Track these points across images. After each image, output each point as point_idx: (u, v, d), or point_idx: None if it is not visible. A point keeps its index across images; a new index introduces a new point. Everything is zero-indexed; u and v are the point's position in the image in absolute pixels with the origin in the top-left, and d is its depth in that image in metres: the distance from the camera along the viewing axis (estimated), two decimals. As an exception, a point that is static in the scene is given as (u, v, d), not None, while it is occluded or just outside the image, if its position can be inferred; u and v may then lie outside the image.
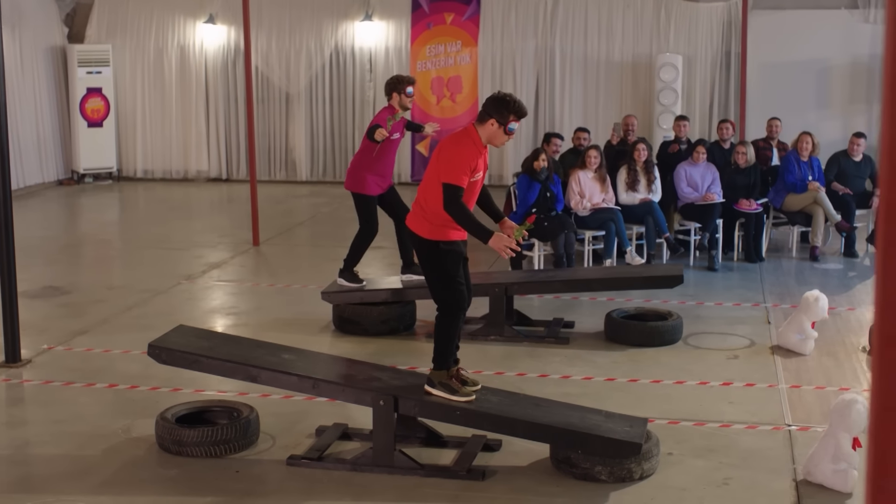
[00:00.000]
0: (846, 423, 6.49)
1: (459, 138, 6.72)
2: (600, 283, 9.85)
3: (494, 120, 6.66)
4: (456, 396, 6.70)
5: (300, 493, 6.52)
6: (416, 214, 6.86)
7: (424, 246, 6.81)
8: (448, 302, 6.80)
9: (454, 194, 6.56)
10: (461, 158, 6.57)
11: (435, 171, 6.72)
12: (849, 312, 10.38)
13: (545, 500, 6.38)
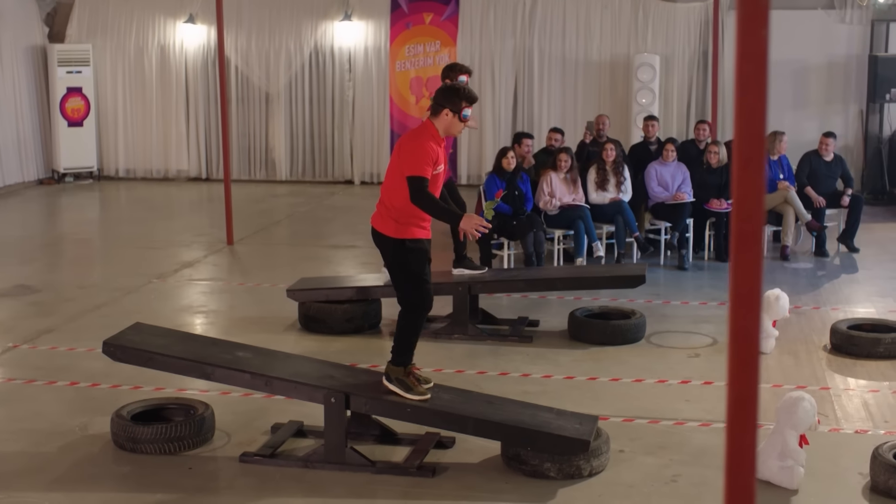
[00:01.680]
0: (792, 421, 6.54)
1: (418, 133, 6.80)
2: (563, 282, 9.90)
3: (448, 110, 6.75)
4: (410, 394, 6.74)
5: (251, 489, 6.57)
6: (380, 214, 6.88)
7: (390, 244, 6.83)
8: (413, 300, 6.83)
9: (420, 185, 6.60)
10: (423, 151, 6.63)
11: (397, 169, 6.75)
12: (813, 311, 10.44)
13: (493, 496, 6.43)
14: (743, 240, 2.18)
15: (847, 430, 7.45)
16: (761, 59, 2.17)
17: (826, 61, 16.85)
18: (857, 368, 8.75)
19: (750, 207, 2.20)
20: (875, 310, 10.49)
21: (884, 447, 6.57)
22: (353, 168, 18.34)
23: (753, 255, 2.22)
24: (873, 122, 16.75)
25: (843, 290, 11.31)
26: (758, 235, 2.22)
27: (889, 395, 8.14)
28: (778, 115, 16.55)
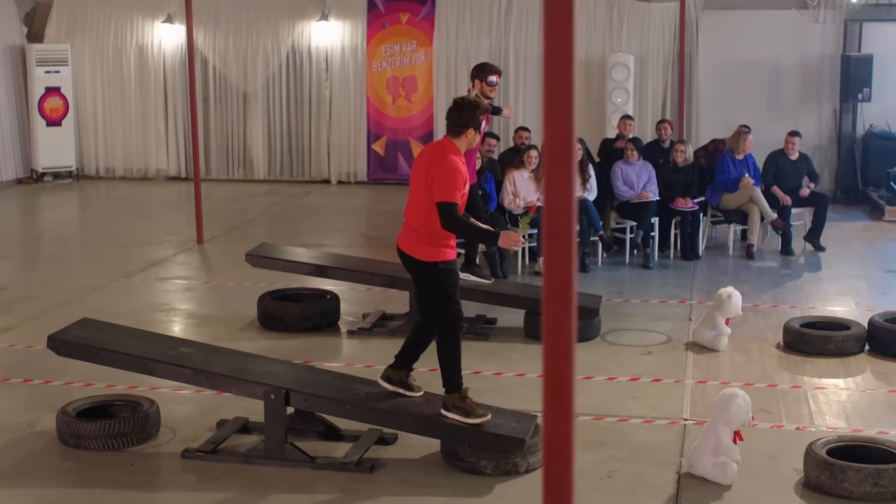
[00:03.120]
0: (726, 417, 6.61)
1: (442, 154, 6.64)
2: (517, 300, 9.78)
3: (471, 129, 6.68)
4: (470, 419, 6.64)
5: (191, 485, 6.65)
6: (408, 237, 6.75)
7: (422, 268, 6.71)
8: (447, 323, 6.72)
9: (451, 212, 6.50)
10: (453, 175, 6.52)
11: (423, 191, 6.61)
12: (771, 309, 10.49)
13: (428, 491, 6.50)
14: (554, 233, 2.24)
15: (789, 426, 7.52)
16: (567, 57, 2.23)
17: (799, 61, 16.91)
18: (806, 366, 8.81)
19: (560, 201, 2.25)
20: (833, 308, 10.54)
21: (817, 443, 6.65)
22: (330, 167, 18.39)
23: (565, 248, 2.28)
24: (846, 121, 16.81)
25: (805, 289, 11.37)
26: (569, 229, 2.28)
27: (834, 393, 8.21)
28: (752, 114, 16.60)
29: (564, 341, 2.29)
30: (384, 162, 18.15)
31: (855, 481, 6.30)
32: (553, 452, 2.30)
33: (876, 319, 9.22)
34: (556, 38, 2.21)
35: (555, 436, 2.27)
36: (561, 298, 2.29)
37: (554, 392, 2.26)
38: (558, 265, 2.30)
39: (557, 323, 2.27)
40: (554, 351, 2.26)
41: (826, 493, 6.38)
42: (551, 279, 2.27)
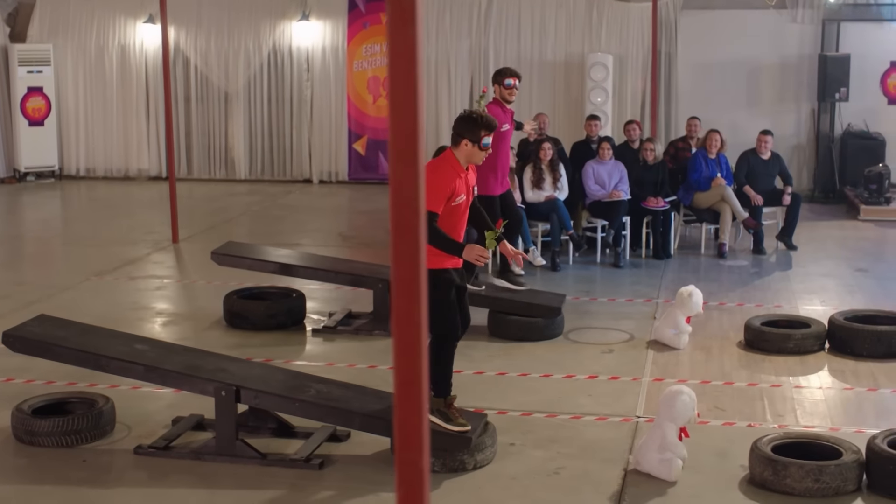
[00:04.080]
0: (671, 414, 6.66)
1: (437, 164, 6.76)
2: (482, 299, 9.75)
3: (467, 140, 6.71)
4: (450, 425, 6.71)
5: (141, 481, 6.70)
6: None
7: None
8: (441, 330, 6.74)
9: (427, 219, 6.45)
10: (436, 184, 6.59)
11: None
12: (737, 308, 10.54)
13: (375, 487, 6.55)
14: (400, 228, 2.29)
15: (740, 424, 7.56)
16: (411, 56, 2.28)
17: (778, 61, 16.96)
18: (764, 364, 8.86)
19: (406, 197, 2.31)
20: (799, 307, 10.59)
21: (763, 440, 6.70)
22: (311, 167, 18.45)
23: (412, 243, 2.33)
24: (824, 121, 16.86)
25: (772, 288, 11.41)
26: (415, 223, 2.33)
27: (789, 390, 8.26)
28: (731, 114, 16.71)
29: (413, 334, 2.34)
30: (365, 161, 18.21)
31: (797, 477, 6.35)
32: (405, 443, 2.34)
33: (836, 318, 9.27)
34: (400, 37, 2.26)
35: (406, 427, 2.31)
36: (409, 292, 2.34)
37: (404, 384, 2.31)
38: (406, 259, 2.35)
39: (406, 316, 2.32)
40: (403, 344, 2.30)
41: (769, 489, 6.43)
42: (399, 273, 2.32)
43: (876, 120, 16.67)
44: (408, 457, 2.44)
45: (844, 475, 6.37)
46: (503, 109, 9.68)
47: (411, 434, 2.42)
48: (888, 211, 15.00)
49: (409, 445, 2.42)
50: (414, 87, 2.28)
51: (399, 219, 2.31)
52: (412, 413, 2.42)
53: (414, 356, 2.41)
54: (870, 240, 13.86)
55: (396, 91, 2.22)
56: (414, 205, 2.31)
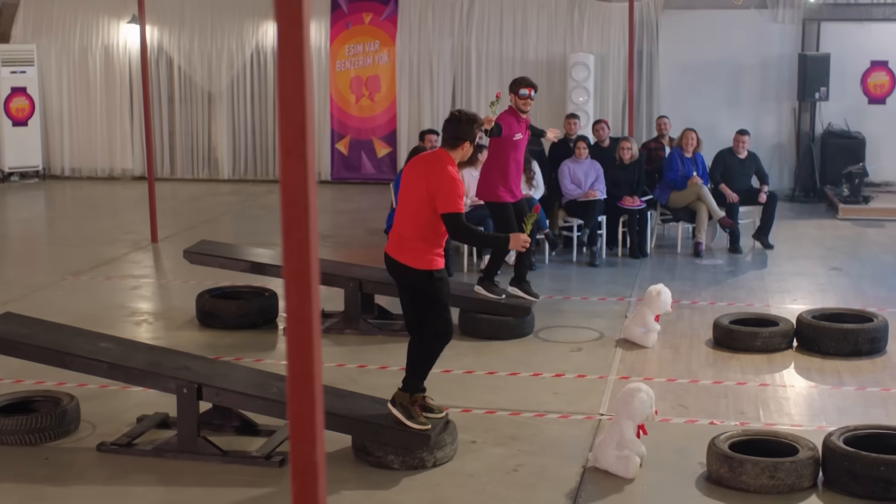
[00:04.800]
0: (629, 411, 6.70)
1: (443, 165, 6.66)
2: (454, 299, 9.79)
3: (468, 142, 6.74)
4: (411, 422, 6.71)
5: (102, 478, 6.74)
6: (399, 246, 6.74)
7: (415, 277, 6.71)
8: (437, 329, 6.76)
9: (458, 222, 6.57)
10: (454, 185, 6.57)
11: (421, 202, 6.62)
12: (708, 306, 10.58)
13: (336, 485, 6.58)
14: (290, 224, 2.33)
15: (702, 421, 7.60)
16: (298, 56, 2.32)
17: (759, 60, 17.02)
18: (731, 362, 8.90)
19: (294, 193, 2.34)
20: (770, 305, 10.63)
21: (721, 437, 6.74)
22: (294, 167, 18.45)
23: (302, 239, 2.36)
24: (805, 120, 16.91)
25: (746, 286, 11.46)
26: (304, 220, 2.36)
27: (754, 388, 8.30)
28: (712, 113, 16.77)
29: (306, 329, 2.38)
30: (348, 161, 18.25)
31: (752, 474, 6.39)
32: (299, 436, 2.38)
33: (804, 316, 9.32)
34: (289, 37, 2.30)
35: (300, 420, 2.35)
36: (301, 287, 2.38)
37: (297, 377, 2.34)
38: (297, 255, 2.38)
39: (299, 311, 2.36)
40: (296, 338, 2.34)
41: (725, 486, 6.47)
42: (291, 269, 2.36)
43: (856, 119, 16.73)
44: (302, 449, 2.48)
45: (800, 472, 6.41)
46: (517, 119, 9.69)
47: (305, 427, 2.46)
48: (866, 210, 15.06)
49: (303, 438, 2.46)
50: (302, 85, 2.32)
51: (289, 215, 2.35)
52: (306, 406, 2.46)
53: (307, 350, 2.44)
54: (846, 239, 13.91)
55: (285, 89, 2.26)
56: (304, 201, 2.35)
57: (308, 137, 2.39)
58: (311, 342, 2.44)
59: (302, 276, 2.41)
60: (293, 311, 2.38)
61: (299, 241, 2.38)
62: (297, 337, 2.41)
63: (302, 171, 2.36)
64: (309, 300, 2.41)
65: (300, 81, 2.34)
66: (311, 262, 2.40)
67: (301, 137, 2.35)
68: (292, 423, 2.42)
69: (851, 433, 6.71)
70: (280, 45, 2.30)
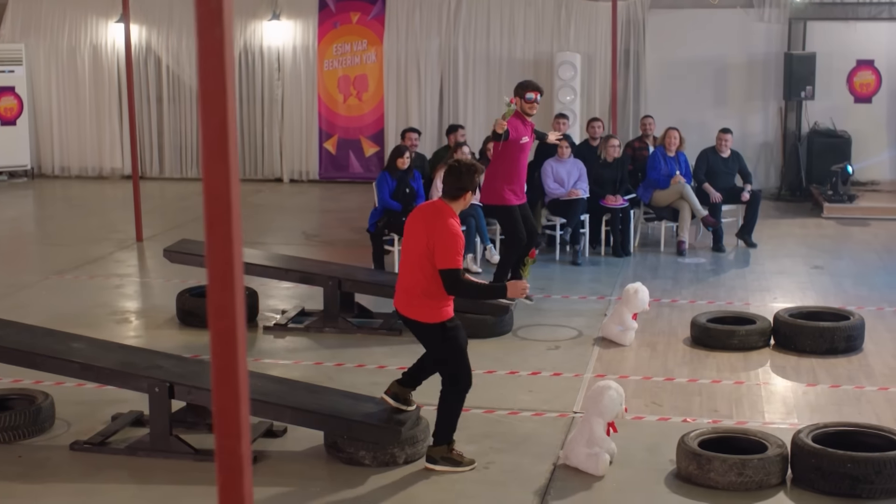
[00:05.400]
0: (599, 409, 6.73)
1: (444, 219, 6.56)
2: None
3: (469, 192, 6.69)
4: (460, 468, 6.70)
5: (74, 476, 6.75)
6: (407, 302, 6.66)
7: (430, 330, 6.66)
8: (458, 379, 6.73)
9: (456, 278, 6.48)
10: (454, 241, 6.50)
11: (423, 256, 6.55)
12: (688, 305, 10.62)
13: (306, 482, 6.62)
14: (213, 222, 2.35)
15: (675, 419, 7.63)
16: (220, 55, 2.34)
17: (745, 59, 17.06)
18: (708, 360, 8.93)
19: (218, 191, 2.37)
20: (751, 304, 10.66)
21: (690, 435, 6.77)
22: (282, 166, 18.51)
23: (226, 236, 2.39)
24: (791, 119, 16.96)
25: (727, 285, 11.49)
26: (228, 217, 2.39)
27: (728, 386, 8.33)
28: (699, 112, 16.81)
29: (230, 325, 2.40)
30: (336, 160, 18.28)
31: (721, 471, 6.42)
32: (224, 430, 2.41)
33: (781, 314, 9.35)
34: (209, 36, 2.32)
35: (225, 414, 2.38)
36: (224, 284, 2.40)
37: (222, 372, 2.37)
38: (220, 253, 2.41)
39: (222, 308, 2.38)
40: (220, 334, 2.37)
41: (694, 483, 6.50)
42: (214, 266, 2.38)
43: (843, 118, 16.77)
44: (226, 444, 2.50)
45: (767, 469, 6.44)
46: (523, 122, 9.70)
47: (230, 421, 2.49)
48: (850, 209, 15.11)
49: (228, 433, 2.48)
50: (223, 85, 2.34)
51: (212, 213, 2.38)
52: (230, 401, 2.48)
53: (231, 346, 2.47)
54: (830, 237, 13.94)
55: (206, 89, 2.28)
56: (226, 199, 2.37)
57: (230, 136, 2.41)
58: (235, 337, 2.47)
59: (226, 274, 2.43)
60: (216, 305, 2.41)
61: (223, 239, 2.41)
62: (220, 332, 2.43)
63: (225, 170, 2.39)
64: (232, 295, 2.43)
65: (222, 82, 2.37)
66: (234, 258, 2.43)
67: (223, 137, 2.38)
68: (217, 418, 2.44)
69: (820, 430, 6.74)
70: (200, 47, 2.33)
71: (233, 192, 2.36)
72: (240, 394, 2.45)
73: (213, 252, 2.32)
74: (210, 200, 2.29)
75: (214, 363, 2.47)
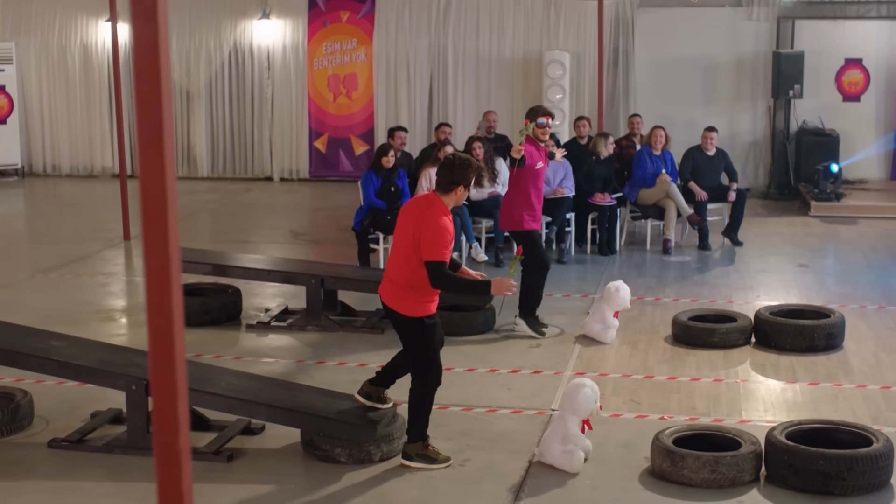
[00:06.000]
0: (573, 406, 6.76)
1: (433, 211, 6.60)
2: None
3: (462, 186, 6.70)
4: (435, 465, 6.74)
5: (50, 473, 6.79)
6: (392, 291, 6.70)
7: (407, 323, 6.70)
8: (427, 376, 6.77)
9: (440, 271, 6.50)
10: (441, 234, 6.52)
11: (410, 247, 6.59)
12: (672, 303, 10.64)
13: (281, 479, 6.65)
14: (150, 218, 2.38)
15: (652, 416, 7.66)
16: (155, 51, 2.37)
17: (734, 58, 17.09)
18: (688, 358, 8.96)
19: (154, 187, 2.39)
20: (734, 302, 10.69)
21: (665, 432, 6.79)
22: (272, 165, 18.53)
23: (162, 232, 2.41)
24: (780, 118, 16.98)
25: (711, 283, 11.52)
26: (164, 214, 2.41)
27: (707, 384, 8.35)
28: (688, 110, 16.84)
29: (167, 320, 2.43)
30: (326, 159, 18.30)
31: (694, 468, 6.45)
32: (162, 426, 2.43)
33: (761, 312, 9.37)
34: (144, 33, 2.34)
35: (163, 410, 2.40)
36: (161, 280, 2.42)
37: (160, 367, 2.39)
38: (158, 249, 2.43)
39: (159, 303, 2.40)
40: (158, 329, 2.39)
41: (668, 480, 6.53)
42: (151, 262, 2.40)
43: (831, 117, 16.80)
44: (165, 439, 2.52)
45: (741, 466, 6.47)
46: (537, 147, 9.68)
47: (168, 416, 2.51)
48: (837, 207, 15.13)
49: (166, 428, 2.50)
50: (158, 82, 2.37)
51: (148, 211, 2.40)
52: (168, 395, 2.50)
53: (168, 341, 2.49)
54: (816, 236, 13.97)
55: (142, 85, 2.31)
56: (162, 195, 2.40)
57: (166, 132, 2.44)
58: (172, 333, 2.49)
59: (163, 269, 2.45)
60: (155, 302, 2.43)
61: (159, 234, 2.43)
62: (158, 328, 2.45)
63: (160, 166, 2.41)
64: (170, 293, 2.45)
65: (157, 79, 2.39)
66: (170, 255, 2.45)
67: (158, 133, 2.40)
68: (156, 413, 2.47)
69: (795, 428, 6.77)
70: (135, 43, 2.35)
71: (169, 190, 2.38)
72: (177, 389, 2.47)
73: (150, 249, 2.34)
74: (146, 199, 2.31)
75: (152, 359, 2.49)
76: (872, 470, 6.37)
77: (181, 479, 2.49)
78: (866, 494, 6.34)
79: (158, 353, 2.45)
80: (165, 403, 2.44)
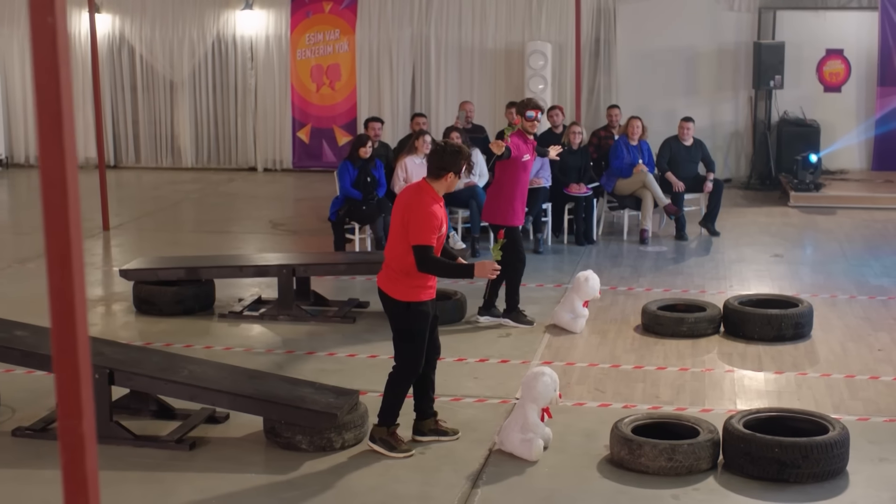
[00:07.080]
0: (533, 395, 6.80)
1: (421, 197, 6.70)
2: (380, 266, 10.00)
3: (452, 173, 6.76)
4: (393, 453, 6.81)
5: (11, 461, 6.81)
6: (387, 277, 6.82)
7: (395, 307, 6.79)
8: (408, 362, 6.84)
9: (425, 254, 6.59)
10: (428, 219, 6.61)
11: (400, 233, 6.69)
12: (644, 293, 10.69)
13: (242, 467, 6.68)
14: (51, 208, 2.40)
15: (616, 405, 7.70)
16: (53, 42, 2.40)
17: (715, 48, 17.13)
18: (656, 347, 9.00)
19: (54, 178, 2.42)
20: (707, 291, 10.73)
21: (624, 421, 6.83)
22: (256, 155, 18.56)
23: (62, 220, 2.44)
24: (761, 108, 17.02)
25: (685, 273, 11.56)
26: (65, 203, 2.44)
27: (672, 373, 8.39)
28: (669, 101, 16.86)
29: (69, 307, 2.46)
30: (309, 149, 18.34)
31: (651, 456, 6.49)
32: (66, 410, 2.46)
33: (730, 302, 9.42)
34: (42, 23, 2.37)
35: (66, 394, 2.43)
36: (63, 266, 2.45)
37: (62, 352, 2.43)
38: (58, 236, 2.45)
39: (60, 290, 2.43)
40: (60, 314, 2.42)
41: (626, 468, 6.57)
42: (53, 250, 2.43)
43: (812, 107, 16.85)
44: (69, 424, 2.55)
45: (697, 454, 6.51)
46: (525, 140, 9.70)
47: (71, 401, 2.54)
48: (816, 197, 15.18)
49: (70, 412, 2.53)
50: (57, 73, 2.40)
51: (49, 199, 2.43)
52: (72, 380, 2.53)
53: (71, 325, 2.52)
54: (794, 226, 14.02)
55: (41, 77, 2.34)
56: (62, 185, 2.43)
57: (65, 122, 2.46)
58: (74, 318, 2.52)
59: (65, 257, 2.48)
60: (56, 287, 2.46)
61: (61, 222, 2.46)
62: (59, 313, 2.48)
63: (60, 157, 2.44)
64: (70, 279, 2.49)
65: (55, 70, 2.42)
66: (71, 240, 2.48)
67: (58, 125, 2.43)
68: (59, 397, 2.50)
69: (753, 416, 6.81)
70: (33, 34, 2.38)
71: (69, 178, 2.41)
72: (80, 374, 2.51)
73: (51, 236, 2.37)
74: (47, 187, 2.34)
75: (54, 344, 2.52)
76: (827, 458, 6.41)
77: (85, 463, 2.52)
78: (822, 482, 6.38)
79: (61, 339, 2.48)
80: (68, 388, 2.47)
